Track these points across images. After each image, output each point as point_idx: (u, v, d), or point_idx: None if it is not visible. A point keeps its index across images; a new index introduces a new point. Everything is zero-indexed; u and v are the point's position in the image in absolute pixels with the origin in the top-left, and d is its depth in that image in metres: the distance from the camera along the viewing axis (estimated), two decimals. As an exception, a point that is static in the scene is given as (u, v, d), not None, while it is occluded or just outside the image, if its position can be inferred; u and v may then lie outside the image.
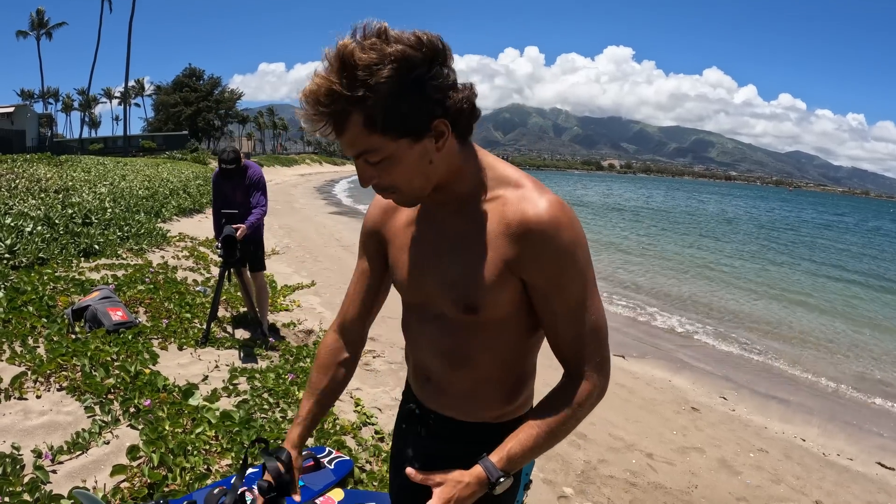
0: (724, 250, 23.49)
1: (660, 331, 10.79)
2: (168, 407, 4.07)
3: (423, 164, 1.34)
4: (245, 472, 1.83)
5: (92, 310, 5.41)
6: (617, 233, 28.36)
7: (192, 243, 11.05)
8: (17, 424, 3.65)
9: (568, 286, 1.41)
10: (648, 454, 5.20)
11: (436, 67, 1.25)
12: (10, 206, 9.82)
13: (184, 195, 18.05)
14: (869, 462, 5.82)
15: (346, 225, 21.40)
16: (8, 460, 3.15)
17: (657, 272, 17.16)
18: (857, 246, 31.35)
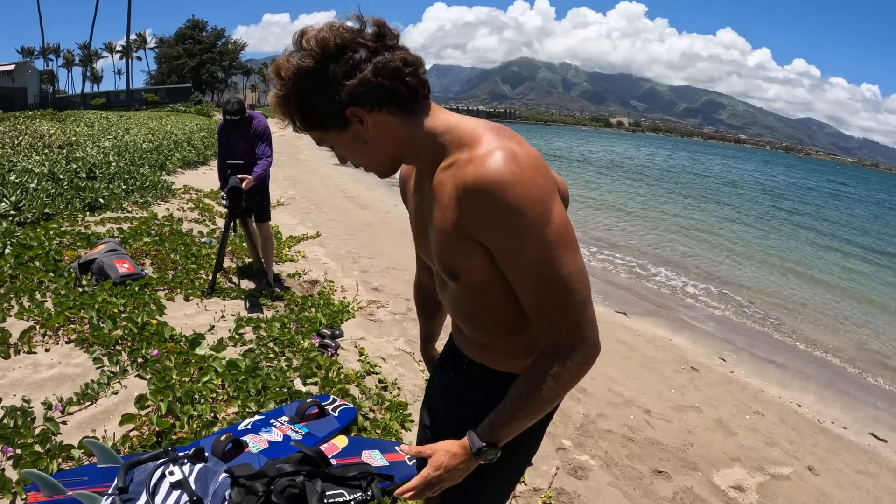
0: (728, 215, 23.19)
1: (662, 291, 10.84)
2: (175, 357, 4.12)
3: (361, 146, 1.46)
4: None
5: (98, 263, 5.43)
6: (621, 192, 28.07)
7: (196, 195, 11.03)
8: (27, 378, 3.69)
9: (521, 249, 1.35)
10: (646, 410, 5.24)
11: (331, 66, 1.35)
12: (13, 163, 9.80)
13: (188, 148, 17.98)
14: (862, 432, 5.87)
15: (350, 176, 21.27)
16: (19, 413, 3.20)
17: (661, 233, 17.10)
18: (861, 219, 30.48)
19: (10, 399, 3.40)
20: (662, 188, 32.23)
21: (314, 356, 4.58)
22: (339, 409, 3.74)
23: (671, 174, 45.74)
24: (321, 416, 3.59)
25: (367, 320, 5.95)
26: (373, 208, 14.20)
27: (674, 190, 32.11)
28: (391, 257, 8.53)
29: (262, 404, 3.75)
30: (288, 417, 3.50)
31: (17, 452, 2.90)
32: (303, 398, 3.81)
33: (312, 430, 3.42)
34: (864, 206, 41.04)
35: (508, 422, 1.48)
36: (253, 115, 6.18)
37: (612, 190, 28.43)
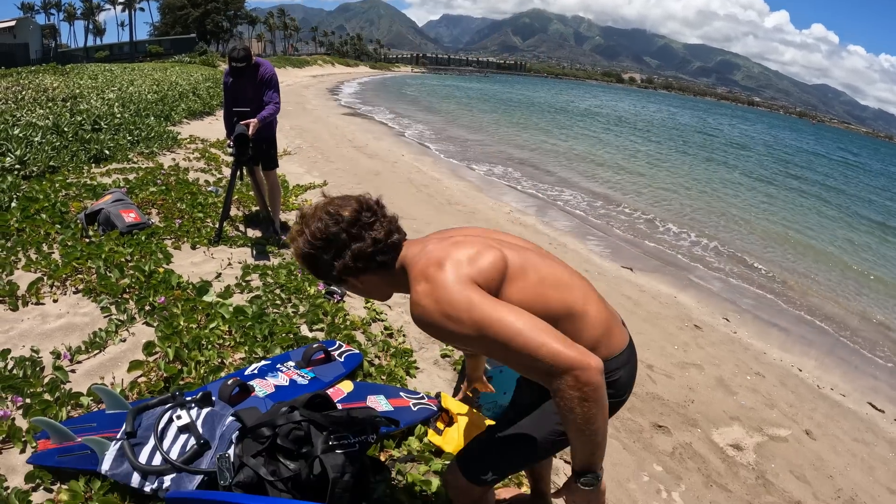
0: (735, 178, 22.69)
1: (668, 248, 10.83)
2: (182, 304, 4.12)
3: (359, 289, 2.04)
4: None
5: (105, 213, 5.41)
6: (629, 148, 27.72)
7: (203, 145, 10.96)
8: (35, 329, 3.70)
9: (467, 343, 1.71)
10: (649, 366, 5.25)
11: (323, 254, 1.90)
12: (17, 117, 9.72)
13: (193, 98, 17.84)
14: (860, 401, 5.90)
15: (358, 126, 21.16)
16: (28, 363, 3.21)
17: (667, 192, 16.92)
18: (869, 189, 29.76)
19: (19, 350, 3.42)
20: (669, 147, 31.54)
21: (320, 303, 4.58)
22: (345, 354, 3.75)
23: (679, 133, 44.83)
24: (327, 362, 3.60)
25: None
26: (381, 157, 14.12)
27: (681, 150, 31.37)
28: (399, 206, 8.45)
29: (268, 350, 3.76)
30: (294, 362, 3.51)
31: (26, 402, 2.92)
32: (309, 343, 3.81)
33: (318, 374, 3.43)
34: (876, 176, 39.95)
35: (577, 452, 1.74)
36: (259, 61, 6.08)
37: (618, 146, 27.87)
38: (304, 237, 1.90)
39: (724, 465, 4.02)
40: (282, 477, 2.12)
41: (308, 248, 1.90)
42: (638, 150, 27.60)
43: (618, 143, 29.68)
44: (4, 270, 4.33)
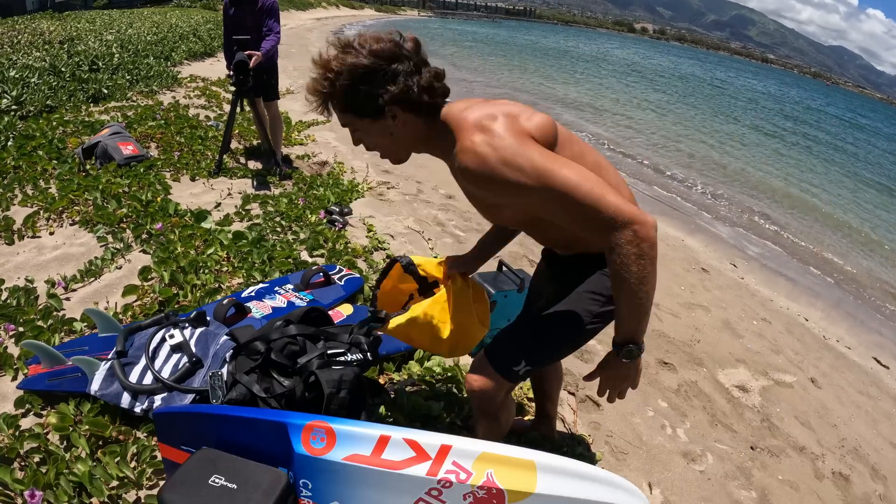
0: (745, 132, 22.25)
1: (677, 194, 10.71)
2: (180, 230, 4.04)
3: (386, 136, 1.79)
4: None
5: (102, 145, 5.30)
6: (636, 95, 26.86)
7: (203, 83, 10.77)
8: (30, 261, 3.63)
9: (525, 196, 1.64)
10: (655, 304, 5.12)
11: (383, 68, 1.67)
12: (13, 60, 9.55)
13: (194, 39, 17.50)
14: (866, 355, 5.84)
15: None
16: (21, 292, 3.14)
17: (680, 138, 16.65)
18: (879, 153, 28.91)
19: (14, 282, 3.35)
20: (675, 97, 30.74)
21: (321, 230, 4.50)
22: (345, 278, 3.66)
23: (687, 83, 43.82)
24: (327, 285, 3.51)
25: (377, 200, 5.85)
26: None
27: (688, 101, 30.23)
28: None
29: (266, 274, 3.68)
30: (293, 285, 3.43)
31: (19, 329, 2.85)
32: (308, 267, 3.73)
33: (317, 297, 3.35)
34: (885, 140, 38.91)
35: (624, 319, 1.71)
36: None
37: (626, 93, 27.25)
38: (361, 55, 1.67)
39: (730, 405, 3.96)
40: (275, 394, 2.04)
41: (364, 60, 1.66)
42: (646, 98, 27.03)
43: (625, 90, 29.09)
44: (0, 206, 4.23)
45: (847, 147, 25.66)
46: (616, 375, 1.84)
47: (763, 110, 34.35)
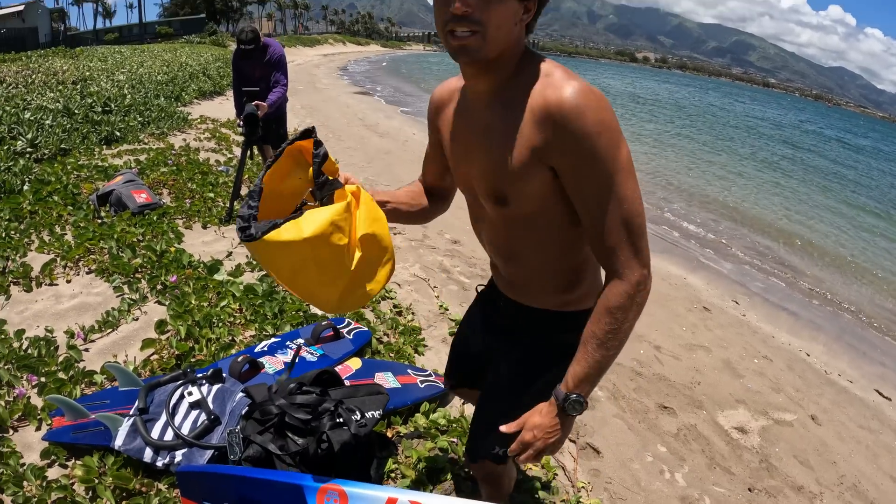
0: (744, 156, 22.67)
1: (681, 229, 10.78)
2: (193, 282, 4.16)
3: (511, 21, 1.40)
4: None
5: (116, 194, 5.45)
6: (641, 126, 27.26)
7: (213, 125, 10.98)
8: (49, 309, 3.75)
9: (595, 171, 1.40)
10: (656, 346, 5.26)
11: None
12: (28, 101, 9.78)
13: (203, 78, 17.85)
14: (868, 388, 5.84)
15: (369, 105, 21.10)
16: (42, 342, 3.26)
17: (684, 171, 16.83)
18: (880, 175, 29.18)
19: (34, 330, 3.47)
20: (676, 126, 31.18)
21: (331, 281, 4.60)
22: (354, 331, 3.77)
23: (700, 114, 44.26)
24: (336, 339, 3.62)
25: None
26: (392, 136, 14.10)
27: (704, 130, 30.92)
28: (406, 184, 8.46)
29: (278, 327, 3.79)
30: (303, 340, 3.54)
31: (41, 380, 2.97)
32: (318, 321, 3.84)
33: (327, 351, 3.45)
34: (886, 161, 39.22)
35: (585, 369, 1.53)
36: (268, 42, 6.10)
37: (624, 124, 27.59)
38: None
39: (728, 447, 4.03)
40: (290, 451, 2.15)
41: None
42: (643, 127, 27.38)
43: (623, 120, 29.41)
44: (18, 252, 4.38)
45: (846, 173, 25.76)
46: (549, 430, 1.59)
47: (762, 137, 34.61)
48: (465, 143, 1.65)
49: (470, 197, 1.78)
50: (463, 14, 1.35)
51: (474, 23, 1.36)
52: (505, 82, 1.50)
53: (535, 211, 1.56)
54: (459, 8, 1.34)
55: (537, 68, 1.48)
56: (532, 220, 1.59)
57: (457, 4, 1.34)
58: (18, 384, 2.92)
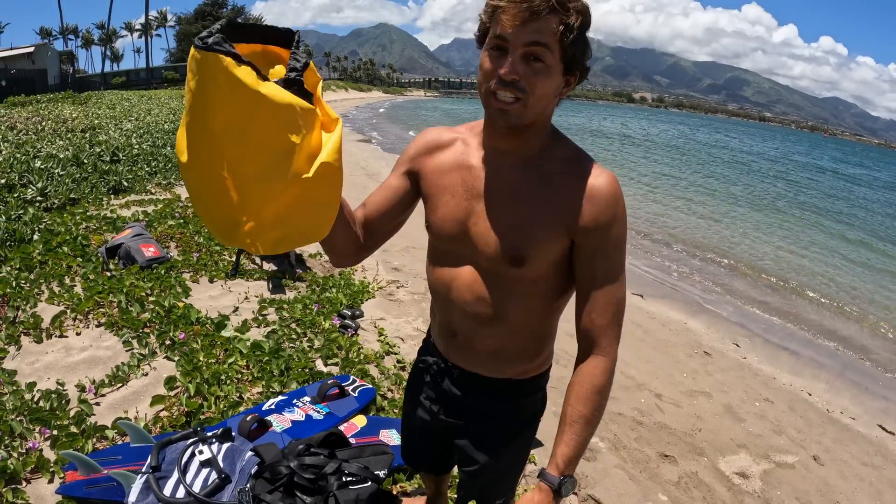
0: (743, 194, 23.11)
1: (679, 273, 10.84)
2: (202, 339, 4.24)
3: (553, 93, 1.50)
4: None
5: (125, 247, 5.56)
6: (638, 168, 27.82)
7: (219, 176, 11.15)
8: (60, 361, 3.84)
9: (610, 254, 1.55)
10: (657, 395, 5.32)
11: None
12: (38, 148, 9.96)
13: (209, 127, 18.12)
14: (871, 424, 5.89)
15: (371, 153, 21.32)
16: (54, 395, 3.34)
17: (679, 213, 17.06)
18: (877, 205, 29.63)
19: (45, 382, 3.55)
20: (670, 166, 31.55)
21: (335, 337, 4.70)
22: (359, 389, 3.87)
23: (682, 150, 44.85)
24: (341, 397, 3.72)
25: (387, 300, 6.05)
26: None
27: (683, 170, 31.20)
28: (411, 236, 8.55)
29: (285, 385, 3.87)
30: (310, 398, 3.63)
31: (53, 433, 3.05)
32: (324, 379, 3.93)
33: (333, 410, 3.54)
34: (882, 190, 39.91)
35: (574, 450, 1.55)
36: None
37: (621, 164, 28.11)
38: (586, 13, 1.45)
39: (730, 493, 4.07)
40: (299, 510, 2.24)
41: (590, 20, 1.46)
42: (637, 167, 27.78)
43: (621, 160, 29.85)
44: (28, 303, 4.47)
45: (839, 206, 26.11)
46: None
47: (756, 174, 34.89)
48: (474, 199, 1.65)
49: (455, 252, 1.72)
50: (511, 80, 1.42)
51: (519, 90, 1.43)
52: (536, 150, 1.59)
53: (542, 275, 1.62)
54: (508, 74, 1.41)
55: (568, 145, 1.61)
56: (537, 283, 1.63)
57: (505, 69, 1.41)
58: (31, 437, 3.00)
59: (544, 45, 1.40)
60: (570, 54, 1.45)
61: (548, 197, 1.55)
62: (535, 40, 1.39)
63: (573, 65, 1.48)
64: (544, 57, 1.42)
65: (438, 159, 1.74)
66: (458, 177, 1.68)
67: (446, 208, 1.69)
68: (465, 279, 1.71)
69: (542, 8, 1.37)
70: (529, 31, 1.39)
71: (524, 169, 1.59)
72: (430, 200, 1.74)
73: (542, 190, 1.56)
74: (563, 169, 1.56)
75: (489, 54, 1.47)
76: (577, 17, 1.41)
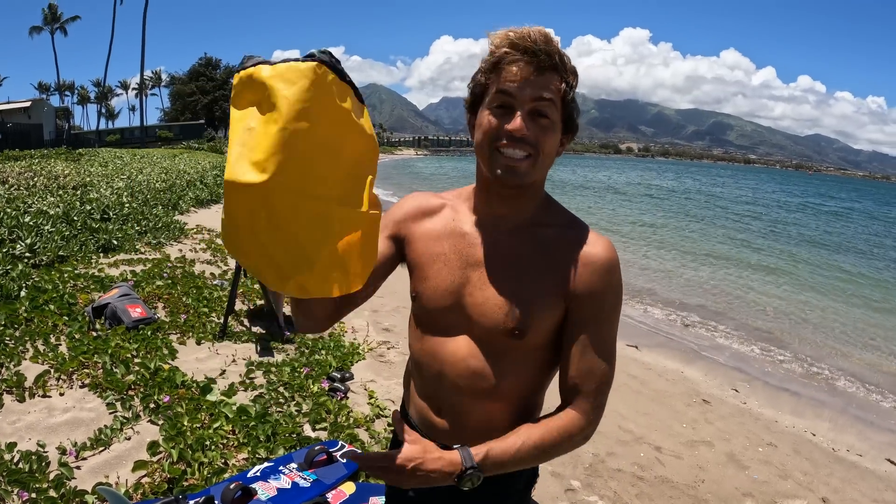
0: (727, 237, 23.37)
1: (674, 321, 10.75)
2: (186, 402, 4.18)
3: (555, 151, 1.49)
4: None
5: (112, 307, 5.53)
6: (632, 217, 28.12)
7: (209, 235, 11.16)
8: (41, 422, 3.77)
9: (604, 325, 1.51)
10: (657, 447, 5.23)
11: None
12: (29, 204, 9.97)
13: (201, 186, 18.17)
14: (878, 459, 5.82)
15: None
16: (34, 457, 3.28)
17: (670, 259, 17.12)
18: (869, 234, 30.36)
19: (25, 443, 3.48)
20: (658, 214, 31.96)
21: (324, 401, 4.64)
22: (348, 454, 3.81)
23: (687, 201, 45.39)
24: (329, 463, 3.65)
25: (378, 362, 6.00)
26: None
27: (669, 218, 31.31)
28: (402, 296, 8.45)
29: (271, 451, 3.81)
30: (297, 464, 3.57)
31: (31, 497, 2.98)
32: (311, 444, 3.87)
33: (321, 476, 3.48)
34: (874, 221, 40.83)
35: (506, 456, 1.45)
36: None
37: (610, 213, 28.46)
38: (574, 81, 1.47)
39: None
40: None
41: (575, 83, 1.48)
42: (626, 215, 28.02)
43: (608, 210, 30.19)
44: (13, 360, 4.42)
45: (828, 239, 26.48)
46: (426, 474, 1.43)
47: (736, 216, 34.81)
48: (469, 268, 1.58)
49: (444, 323, 1.62)
50: (522, 136, 1.40)
51: (530, 146, 1.42)
52: (531, 214, 1.56)
53: (540, 345, 1.55)
54: (520, 130, 1.40)
55: (562, 211, 1.60)
56: (534, 353, 1.56)
57: (517, 125, 1.40)
58: (9, 499, 2.94)
59: (550, 100, 1.41)
60: (568, 112, 1.47)
61: (546, 264, 1.51)
62: (542, 96, 1.40)
63: (570, 123, 1.50)
64: (550, 113, 1.42)
65: (426, 226, 1.67)
66: (450, 244, 1.61)
67: (438, 277, 1.61)
68: (458, 351, 1.60)
69: (547, 64, 1.39)
70: (536, 86, 1.39)
71: (520, 235, 1.55)
72: (420, 269, 1.65)
73: (540, 257, 1.52)
74: (558, 235, 1.53)
75: (493, 112, 1.45)
76: (573, 78, 1.45)
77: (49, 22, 79.77)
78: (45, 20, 79.82)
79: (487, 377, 1.57)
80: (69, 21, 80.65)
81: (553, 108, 1.42)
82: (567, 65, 1.44)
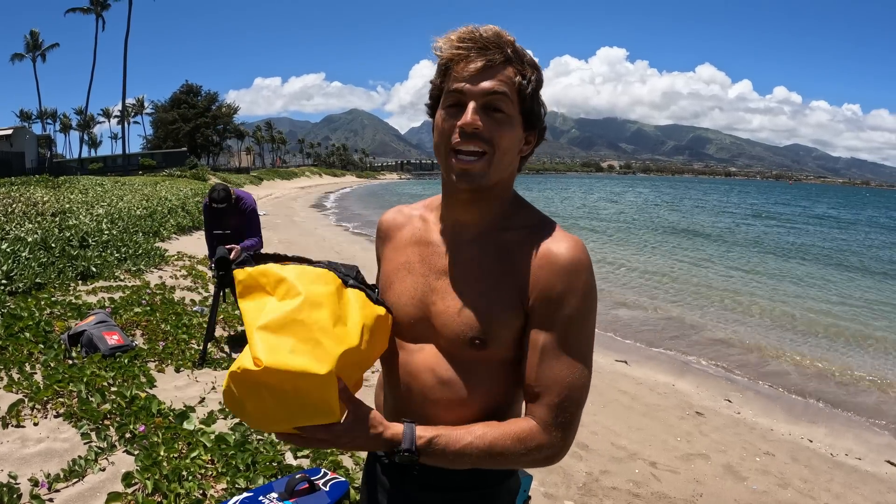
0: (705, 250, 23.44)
1: (659, 334, 10.65)
2: (163, 432, 4.09)
3: (515, 148, 1.43)
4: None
5: (88, 335, 5.44)
6: (597, 231, 28.25)
7: (190, 262, 11.06)
8: (14, 453, 3.69)
9: (569, 327, 1.39)
10: (652, 463, 5.15)
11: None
12: (6, 231, 9.87)
13: (182, 213, 18.11)
14: (878, 461, 5.76)
15: (346, 237, 21.43)
16: (5, 489, 3.19)
17: (643, 273, 17.06)
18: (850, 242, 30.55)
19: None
20: (637, 232, 32.02)
21: (306, 428, 4.55)
22: (331, 483, 3.71)
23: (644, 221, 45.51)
24: (311, 492, 3.56)
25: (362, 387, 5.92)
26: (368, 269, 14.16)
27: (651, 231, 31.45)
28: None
29: (251, 480, 3.71)
30: (277, 494, 3.47)
31: (1, 532, 2.89)
32: (293, 473, 3.78)
33: (302, 506, 3.39)
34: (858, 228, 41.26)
35: (451, 448, 1.37)
36: (240, 195, 6.29)
37: (590, 230, 28.53)
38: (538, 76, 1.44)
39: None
40: None
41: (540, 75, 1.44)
42: (606, 229, 28.16)
43: (588, 227, 30.40)
44: (-14, 391, 4.33)
45: (811, 244, 26.75)
46: (354, 440, 1.37)
47: (723, 232, 34.94)
48: (433, 276, 1.54)
49: (411, 335, 1.58)
50: (473, 131, 1.35)
51: (484, 141, 1.36)
52: (497, 219, 1.50)
53: (509, 357, 1.46)
54: (471, 124, 1.34)
55: (532, 213, 1.52)
56: (502, 365, 1.48)
57: (469, 117, 1.34)
58: (-23, 535, 2.85)
59: (503, 93, 1.36)
60: (528, 107, 1.41)
61: (505, 271, 1.44)
62: (493, 89, 1.35)
63: (532, 119, 1.44)
64: (504, 106, 1.37)
65: (395, 239, 1.66)
66: (415, 253, 1.58)
67: (402, 285, 1.58)
68: (425, 361, 1.54)
69: (498, 59, 1.36)
70: (487, 79, 1.36)
71: (483, 241, 1.49)
72: (386, 277, 1.63)
73: (500, 265, 1.45)
74: (523, 238, 1.45)
75: (446, 112, 1.41)
76: (532, 71, 1.40)
77: (31, 49, 79.45)
78: (27, 48, 79.48)
79: (456, 388, 1.50)
80: (49, 49, 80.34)
81: (508, 101, 1.37)
82: (524, 57, 1.40)
